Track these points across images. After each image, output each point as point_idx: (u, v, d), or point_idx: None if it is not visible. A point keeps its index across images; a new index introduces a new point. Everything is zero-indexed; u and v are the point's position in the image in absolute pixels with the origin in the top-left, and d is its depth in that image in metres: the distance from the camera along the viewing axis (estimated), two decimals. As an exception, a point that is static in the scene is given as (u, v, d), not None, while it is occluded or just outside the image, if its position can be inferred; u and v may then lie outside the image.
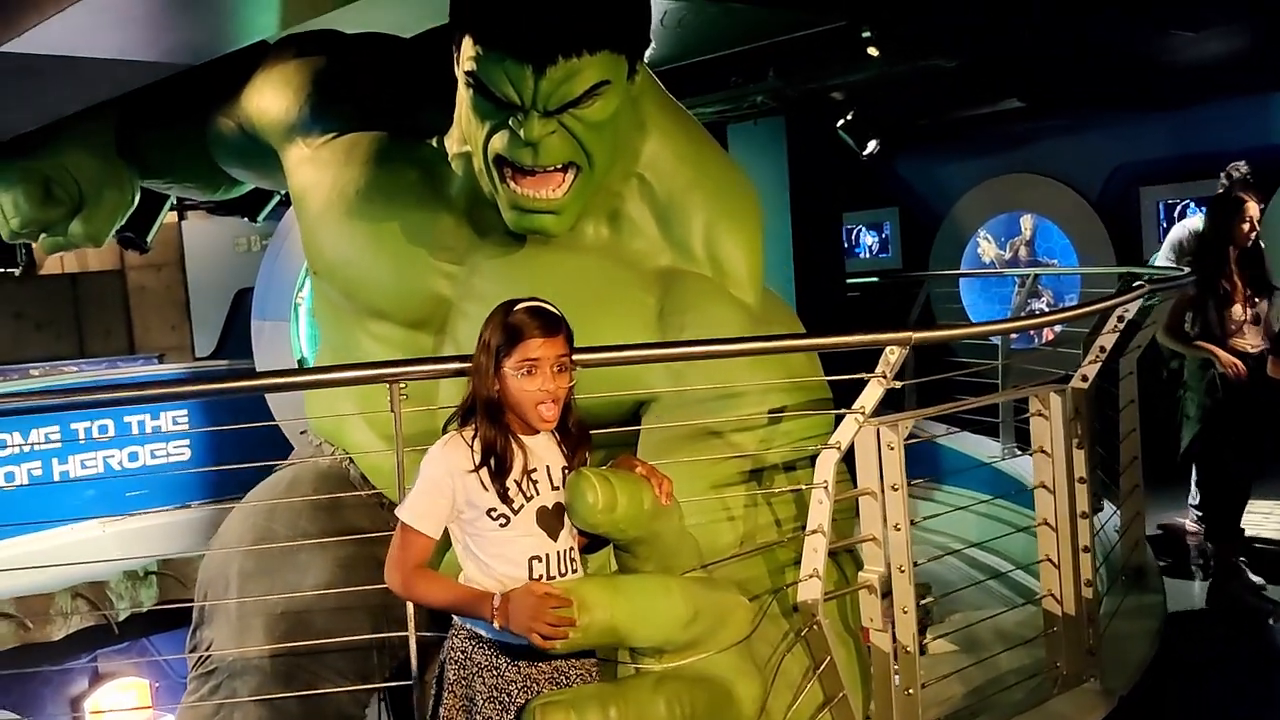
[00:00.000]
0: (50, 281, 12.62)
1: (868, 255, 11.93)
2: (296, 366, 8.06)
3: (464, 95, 4.00)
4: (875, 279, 9.81)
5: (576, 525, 2.62)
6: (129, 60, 4.25)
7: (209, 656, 4.35)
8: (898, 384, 3.29)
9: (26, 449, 8.22)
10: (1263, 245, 6.11)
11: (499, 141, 3.91)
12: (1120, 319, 4.21)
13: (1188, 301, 5.97)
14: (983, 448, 7.56)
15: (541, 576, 2.59)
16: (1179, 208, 9.49)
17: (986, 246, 10.98)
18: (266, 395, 7.09)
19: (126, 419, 8.70)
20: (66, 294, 12.42)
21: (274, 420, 6.30)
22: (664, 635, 2.67)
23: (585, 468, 2.62)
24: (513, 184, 3.98)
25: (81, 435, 8.58)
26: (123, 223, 5.78)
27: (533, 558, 2.61)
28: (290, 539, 4.40)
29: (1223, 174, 6.63)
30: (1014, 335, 8.18)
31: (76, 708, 8.76)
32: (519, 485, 2.62)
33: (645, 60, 4.21)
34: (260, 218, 8.36)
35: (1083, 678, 4.06)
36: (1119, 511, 5.27)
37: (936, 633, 5.92)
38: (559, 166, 3.95)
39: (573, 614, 2.46)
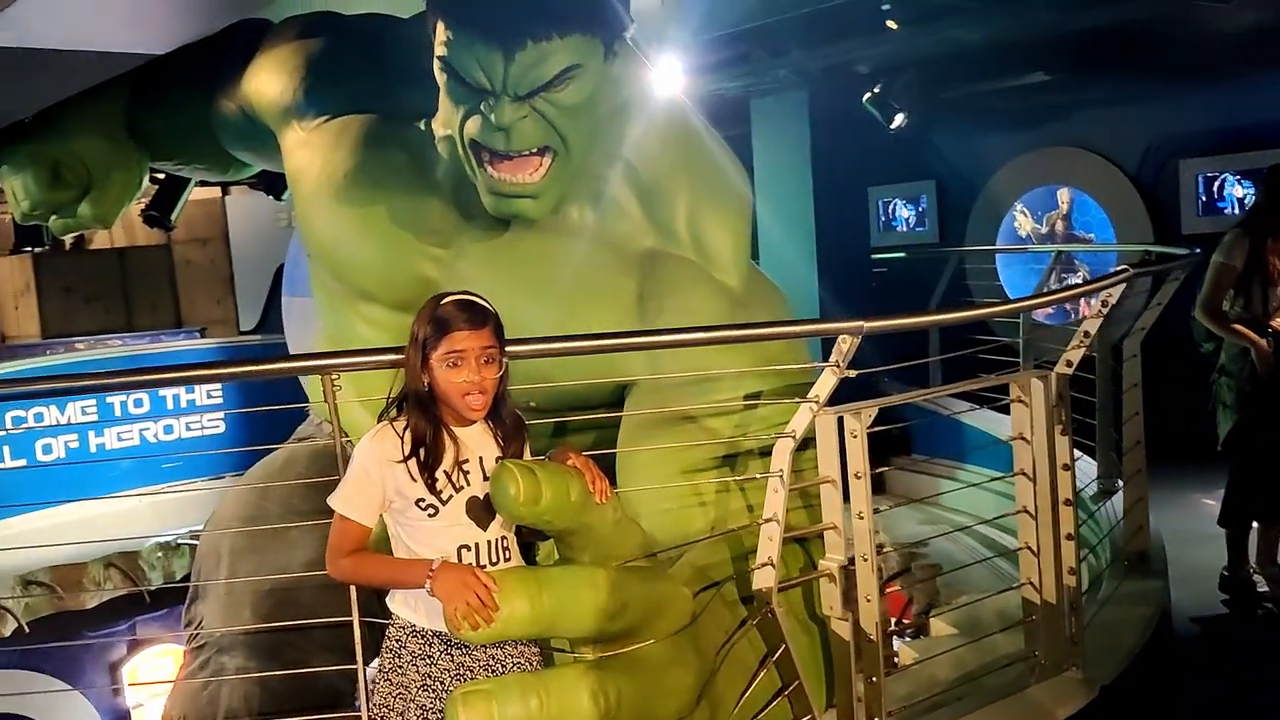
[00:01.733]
0: (99, 256, 12.92)
1: (905, 229, 11.79)
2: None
3: (441, 80, 4.01)
4: (902, 254, 9.69)
5: (502, 516, 2.64)
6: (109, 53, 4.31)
7: (199, 632, 4.45)
8: (851, 373, 3.25)
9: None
10: None
11: (473, 126, 3.92)
12: (1105, 303, 4.12)
13: (1231, 278, 5.60)
14: (1003, 426, 7.45)
15: (471, 565, 2.61)
16: (1218, 181, 9.24)
17: (1023, 220, 10.79)
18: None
19: (162, 393, 8.88)
20: (114, 268, 12.71)
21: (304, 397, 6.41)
22: (588, 627, 2.68)
23: (510, 460, 2.63)
24: (489, 169, 4.00)
25: (117, 409, 8.78)
26: (132, 202, 5.88)
27: (461, 547, 2.64)
28: (282, 517, 4.47)
29: None
30: (1043, 311, 8.02)
31: (115, 673, 8.98)
32: (449, 476, 2.64)
33: (626, 39, 4.18)
34: (285, 196, 8.47)
35: (1062, 666, 4.00)
36: (1121, 494, 5.17)
37: (940, 613, 5.91)
38: (534, 151, 3.96)
39: (494, 604, 2.48)
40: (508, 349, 2.75)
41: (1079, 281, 9.96)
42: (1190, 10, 6.82)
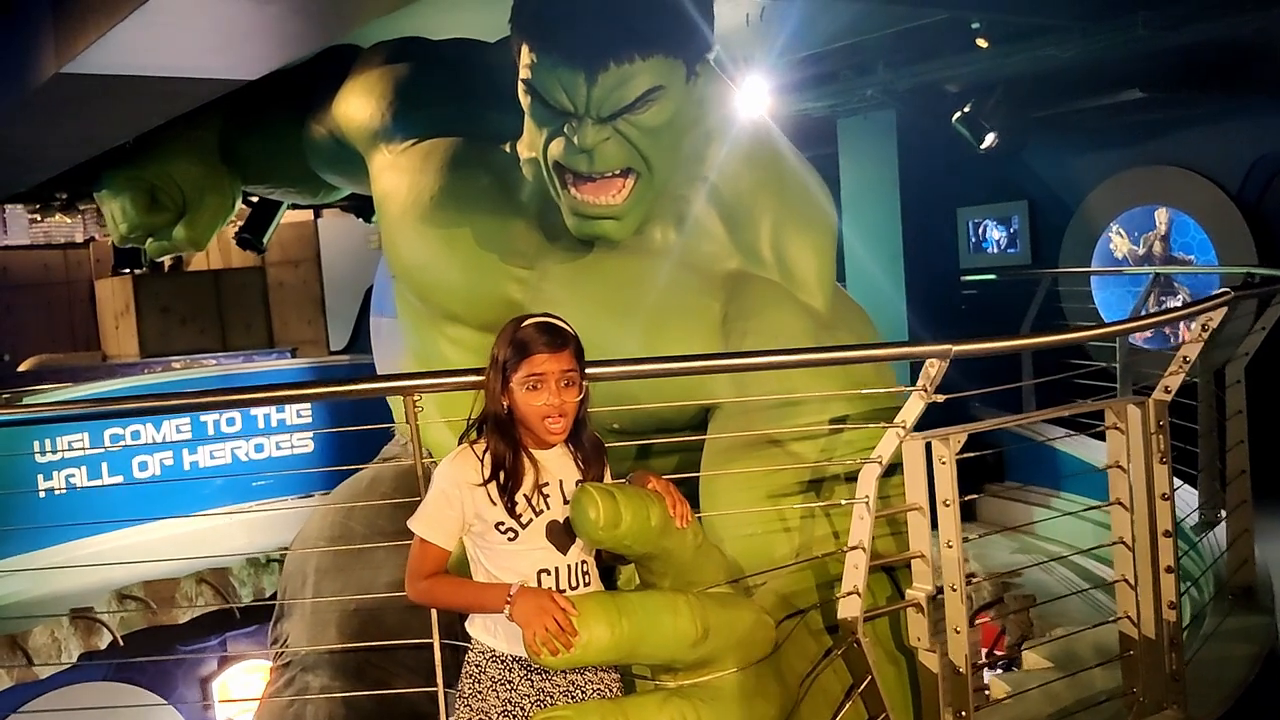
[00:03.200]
0: (195, 278, 13.24)
1: (995, 250, 11.55)
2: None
3: (525, 102, 4.02)
4: (992, 276, 9.49)
5: (582, 540, 2.60)
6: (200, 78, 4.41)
7: (284, 650, 4.48)
8: (939, 397, 3.16)
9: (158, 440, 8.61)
10: None
11: (556, 148, 3.93)
12: (1205, 327, 3.97)
13: None
14: (1102, 452, 7.25)
15: (550, 590, 2.58)
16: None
17: (1119, 242, 10.50)
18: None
19: (253, 412, 9.04)
20: (210, 290, 13.00)
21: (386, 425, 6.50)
22: (669, 654, 2.64)
23: (590, 483, 2.59)
24: (573, 190, 4.00)
25: (211, 428, 8.96)
26: (227, 225, 6.01)
27: (541, 571, 2.61)
28: (367, 537, 4.50)
29: None
30: (1142, 336, 7.81)
31: (205, 687, 9.15)
32: (528, 500, 2.61)
33: (710, 61, 4.16)
34: (374, 219, 8.59)
35: (1163, 705, 3.85)
36: (1225, 526, 4.98)
37: (1033, 646, 5.74)
38: (617, 172, 3.95)
39: (573, 629, 2.45)
40: (590, 371, 2.72)
41: (1178, 305, 9.69)
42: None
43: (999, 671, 5.71)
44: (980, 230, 11.61)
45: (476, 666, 2.66)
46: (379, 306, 9.19)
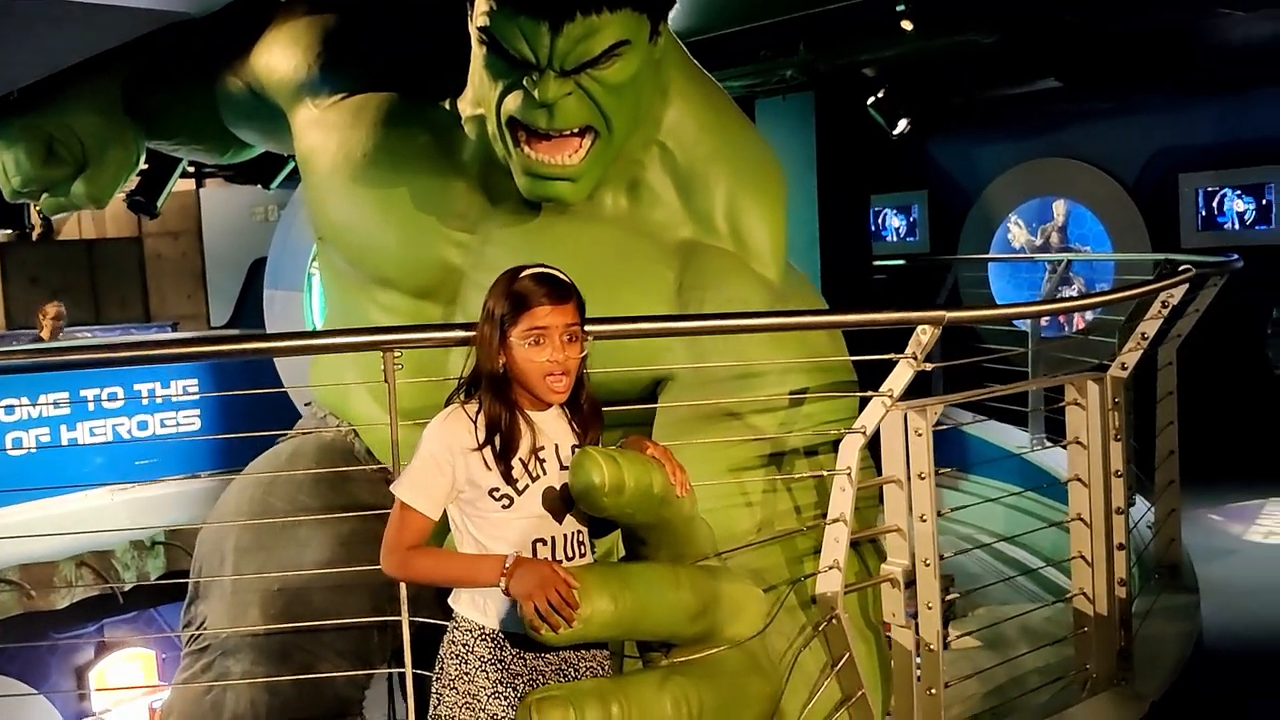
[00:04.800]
0: (67, 247, 12.56)
1: (894, 239, 11.68)
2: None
3: (477, 53, 3.81)
4: (903, 262, 9.57)
5: (581, 508, 2.42)
6: (134, 7, 4.05)
7: (202, 634, 4.20)
8: (929, 366, 3.09)
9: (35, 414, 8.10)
10: None
11: (513, 103, 3.72)
12: (1164, 304, 3.99)
13: None
14: (1010, 437, 7.35)
15: (549, 560, 2.40)
16: (1218, 196, 9.21)
17: (1017, 232, 10.71)
18: (278, 366, 6.99)
19: (136, 386, 8.56)
20: (83, 260, 12.35)
21: (283, 387, 6.18)
22: (670, 629, 2.49)
23: (591, 447, 2.42)
24: (527, 148, 3.80)
25: (91, 402, 8.46)
26: (127, 184, 5.64)
27: (537, 541, 2.43)
28: (289, 514, 4.24)
29: None
30: (1044, 322, 7.93)
31: (82, 677, 8.66)
32: (524, 465, 2.42)
33: (669, 24, 4.01)
34: (274, 185, 8.22)
35: (1114, 680, 3.86)
36: (1153, 508, 5.05)
37: (959, 628, 5.76)
38: (575, 131, 3.77)
39: (575, 602, 2.28)
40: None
41: (1074, 294, 9.93)
42: (1206, 18, 6.75)
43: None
44: (880, 219, 11.72)
45: (463, 646, 2.45)
46: (274, 280, 8.89)
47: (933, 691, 3.32)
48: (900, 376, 3.09)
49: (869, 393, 3.15)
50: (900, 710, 3.30)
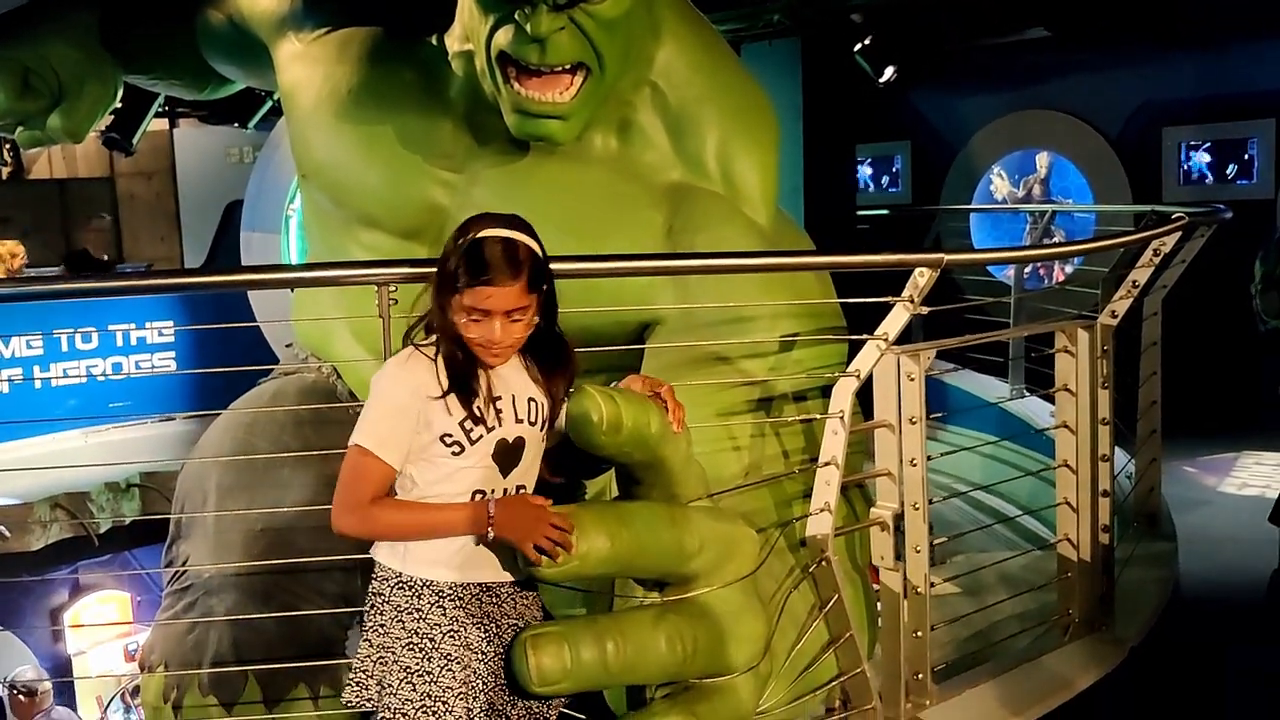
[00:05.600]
0: (38, 186, 12.33)
1: (873, 189, 11.62)
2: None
3: (469, -16, 3.74)
4: (886, 211, 9.55)
5: (579, 446, 2.38)
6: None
7: (184, 572, 4.17)
8: (925, 310, 3.07)
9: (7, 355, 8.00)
10: None
11: (503, 37, 3.65)
12: (1156, 252, 3.98)
13: None
14: (989, 388, 7.37)
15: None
16: (1201, 150, 9.22)
17: (1000, 184, 10.70)
18: (255, 309, 6.91)
19: (111, 328, 8.45)
20: (55, 200, 12.13)
21: (257, 323, 6.12)
22: (666, 567, 2.49)
23: (590, 384, 2.38)
24: (517, 85, 3.74)
25: (64, 344, 8.36)
26: (104, 118, 5.53)
27: (477, 491, 2.32)
28: (272, 456, 4.20)
29: None
30: (1026, 273, 7.93)
31: (56, 619, 8.62)
32: (481, 414, 2.32)
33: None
34: (251, 124, 8.10)
35: (1095, 625, 3.90)
36: (1134, 458, 5.08)
37: (939, 574, 5.80)
38: (567, 67, 3.71)
39: (571, 540, 2.26)
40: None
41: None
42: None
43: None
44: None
45: (379, 596, 2.35)
46: (253, 221, 8.76)
47: (919, 634, 3.34)
48: (896, 320, 3.07)
49: (864, 335, 3.13)
50: (887, 652, 3.32)
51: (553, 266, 2.40)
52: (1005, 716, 3.40)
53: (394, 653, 2.31)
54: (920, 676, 3.34)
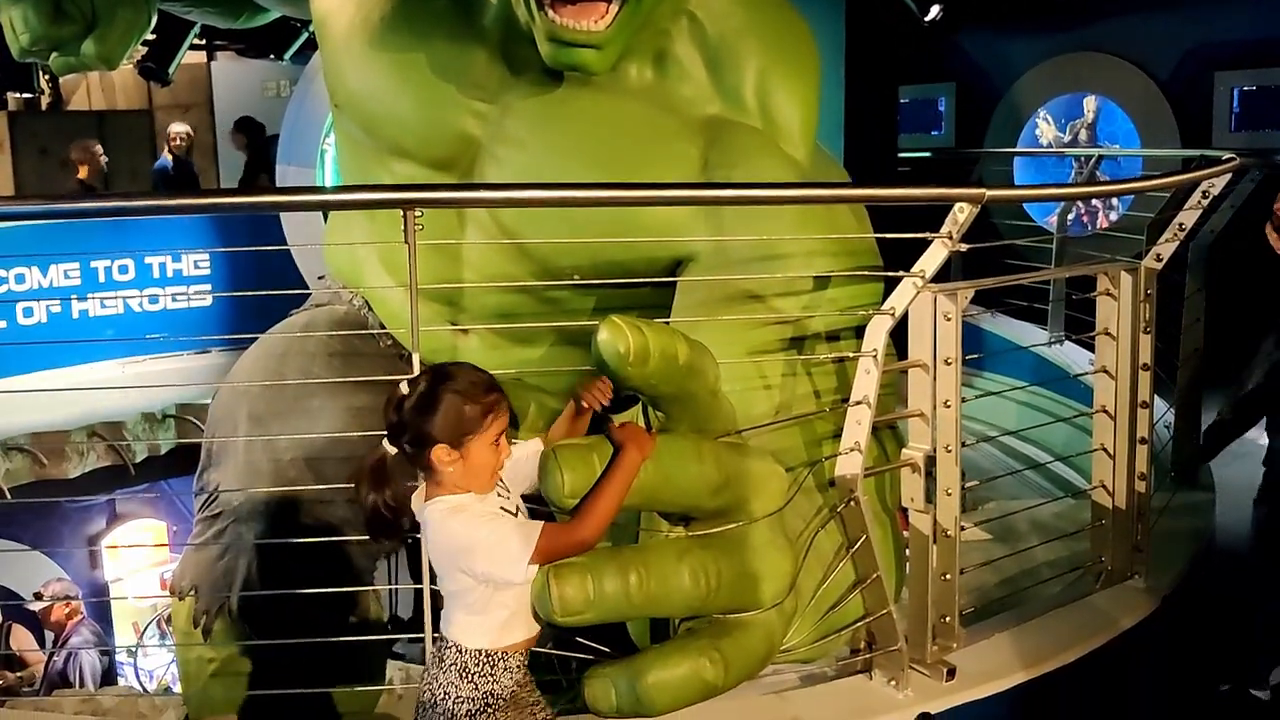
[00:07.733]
0: (77, 117, 12.36)
1: (919, 132, 11.39)
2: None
3: (502, -91, 3.65)
4: (928, 154, 9.38)
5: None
6: None
7: (215, 499, 4.19)
8: (964, 246, 3.00)
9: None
10: None
11: (537, -38, 3.57)
12: (1205, 194, 3.87)
13: None
14: (1027, 334, 7.28)
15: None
16: (1253, 95, 8.96)
17: (1045, 128, 10.47)
18: (289, 240, 6.92)
19: (147, 260, 8.48)
20: (93, 131, 12.11)
21: (288, 246, 6.10)
22: (691, 500, 2.46)
23: (618, 316, 2.33)
24: (551, 12, 3.65)
25: (101, 274, 8.41)
26: (138, 46, 5.49)
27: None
28: (302, 387, 4.20)
29: None
30: (1069, 218, 7.78)
31: (93, 546, 8.76)
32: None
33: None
34: (287, 56, 8.04)
35: (1128, 574, 3.85)
36: (1173, 406, 4.99)
37: (969, 519, 5.75)
38: (603, -6, 3.62)
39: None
40: (571, 194, 2.36)
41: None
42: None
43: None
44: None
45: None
46: (288, 155, 8.74)
47: (947, 577, 3.30)
48: (934, 257, 3.00)
49: (899, 272, 3.06)
50: (915, 595, 3.29)
51: (584, 194, 2.36)
52: (1033, 662, 3.37)
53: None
54: (948, 620, 3.31)
